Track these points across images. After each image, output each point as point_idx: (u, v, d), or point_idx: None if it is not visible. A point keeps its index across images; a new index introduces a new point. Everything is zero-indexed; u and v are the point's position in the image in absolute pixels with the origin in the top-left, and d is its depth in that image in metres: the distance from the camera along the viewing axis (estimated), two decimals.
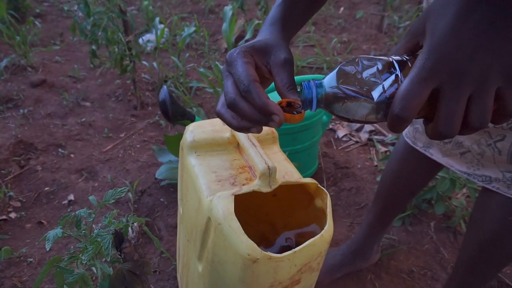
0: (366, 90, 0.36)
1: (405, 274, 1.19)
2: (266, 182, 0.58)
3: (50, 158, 1.64)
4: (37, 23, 2.85)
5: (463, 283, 0.90)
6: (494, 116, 0.34)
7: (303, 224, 0.72)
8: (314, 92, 0.38)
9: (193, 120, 1.24)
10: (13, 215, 1.35)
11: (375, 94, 0.35)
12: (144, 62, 2.25)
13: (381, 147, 1.79)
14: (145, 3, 2.91)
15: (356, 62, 0.37)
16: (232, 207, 0.55)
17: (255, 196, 0.59)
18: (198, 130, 0.71)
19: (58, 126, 1.87)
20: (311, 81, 0.39)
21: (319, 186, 0.62)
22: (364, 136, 1.89)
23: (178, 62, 2.15)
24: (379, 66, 0.36)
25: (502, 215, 0.73)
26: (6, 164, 1.55)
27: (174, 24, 2.96)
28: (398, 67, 0.36)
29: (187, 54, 2.48)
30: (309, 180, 0.62)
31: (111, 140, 1.81)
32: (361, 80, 0.36)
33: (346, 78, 0.37)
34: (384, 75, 0.36)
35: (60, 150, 1.70)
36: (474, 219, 0.82)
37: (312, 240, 0.55)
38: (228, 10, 2.22)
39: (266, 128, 0.72)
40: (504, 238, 0.75)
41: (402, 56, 0.37)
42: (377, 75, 0.36)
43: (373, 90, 0.35)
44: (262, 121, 0.39)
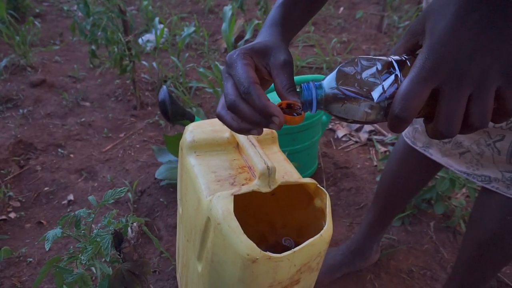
0: (366, 90, 0.35)
1: (404, 274, 1.19)
2: (265, 182, 0.58)
3: (50, 158, 1.64)
4: (36, 23, 2.84)
5: (463, 283, 0.90)
6: (494, 115, 0.34)
7: (303, 224, 0.72)
8: (313, 93, 0.38)
9: (192, 120, 1.23)
10: (12, 215, 1.35)
11: (375, 95, 0.35)
12: (143, 62, 2.25)
13: (380, 147, 1.79)
14: (144, 3, 2.91)
15: (355, 62, 0.37)
16: (231, 207, 0.55)
17: (255, 196, 0.59)
18: (197, 130, 0.71)
19: (58, 126, 1.87)
20: (311, 82, 0.39)
21: (319, 186, 0.62)
22: (363, 136, 1.89)
23: (178, 62, 2.15)
24: (379, 66, 0.36)
25: (501, 215, 0.73)
26: (5, 164, 1.55)
27: (174, 24, 2.96)
28: (397, 67, 0.36)
29: (187, 54, 2.47)
30: (308, 180, 0.62)
31: (111, 140, 1.81)
32: (360, 80, 0.36)
33: (346, 79, 0.36)
34: (383, 75, 0.35)
35: (59, 150, 1.70)
36: (474, 219, 0.82)
37: (311, 240, 0.55)
38: (227, 10, 2.22)
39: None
40: (503, 238, 0.75)
41: (401, 55, 0.37)
42: (376, 76, 0.36)
43: (373, 91, 0.35)
44: (262, 123, 0.39)
